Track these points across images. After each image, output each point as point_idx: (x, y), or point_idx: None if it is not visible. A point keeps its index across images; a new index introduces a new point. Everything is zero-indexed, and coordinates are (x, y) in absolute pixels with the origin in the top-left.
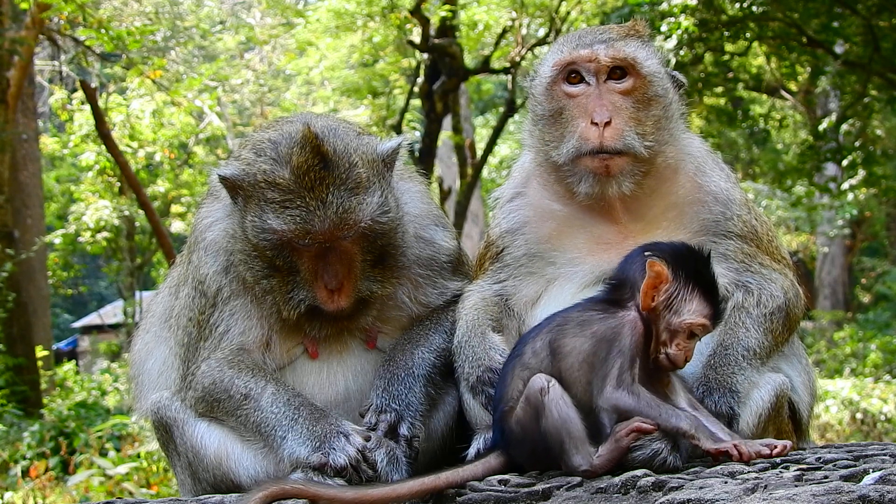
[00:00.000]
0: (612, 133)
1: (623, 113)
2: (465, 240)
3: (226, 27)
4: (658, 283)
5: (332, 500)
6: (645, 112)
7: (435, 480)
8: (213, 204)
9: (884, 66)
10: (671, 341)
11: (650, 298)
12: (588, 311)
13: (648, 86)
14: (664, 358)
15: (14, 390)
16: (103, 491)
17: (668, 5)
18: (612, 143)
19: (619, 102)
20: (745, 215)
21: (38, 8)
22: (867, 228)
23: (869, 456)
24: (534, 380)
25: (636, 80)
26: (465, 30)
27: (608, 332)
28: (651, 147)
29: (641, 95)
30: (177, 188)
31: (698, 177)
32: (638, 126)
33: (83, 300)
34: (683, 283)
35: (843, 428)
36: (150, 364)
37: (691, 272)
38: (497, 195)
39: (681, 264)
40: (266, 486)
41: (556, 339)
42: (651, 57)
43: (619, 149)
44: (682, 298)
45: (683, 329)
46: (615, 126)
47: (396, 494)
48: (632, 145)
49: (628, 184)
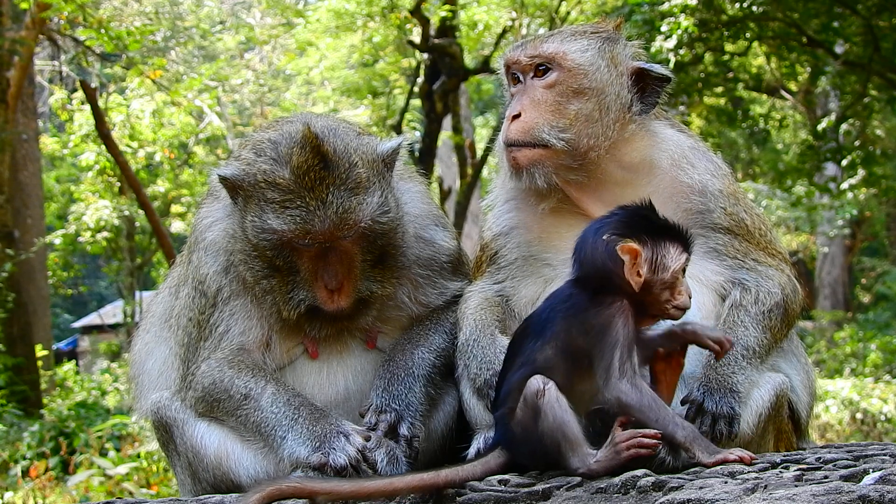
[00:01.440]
0: (517, 126)
1: (540, 107)
2: (465, 240)
3: (226, 27)
4: (636, 260)
5: (330, 495)
6: (570, 105)
7: (434, 477)
8: (213, 204)
9: (884, 66)
10: (672, 293)
11: (638, 276)
12: (580, 306)
13: (573, 78)
14: (675, 310)
15: (14, 390)
16: (103, 491)
17: (668, 5)
18: (515, 135)
19: (540, 97)
20: (731, 207)
21: (38, 8)
22: (867, 228)
23: (869, 456)
24: (531, 381)
25: (559, 73)
26: (465, 30)
27: (601, 323)
28: (570, 139)
29: (566, 88)
30: (177, 188)
31: (675, 170)
32: (557, 119)
33: (83, 300)
34: (651, 242)
35: (843, 428)
36: (150, 364)
37: (648, 227)
38: (488, 198)
39: (638, 227)
40: (263, 487)
41: (566, 346)
42: (584, 51)
43: (526, 141)
44: (660, 255)
45: (675, 276)
46: (523, 119)
47: (393, 488)
48: (539, 137)
49: (544, 176)
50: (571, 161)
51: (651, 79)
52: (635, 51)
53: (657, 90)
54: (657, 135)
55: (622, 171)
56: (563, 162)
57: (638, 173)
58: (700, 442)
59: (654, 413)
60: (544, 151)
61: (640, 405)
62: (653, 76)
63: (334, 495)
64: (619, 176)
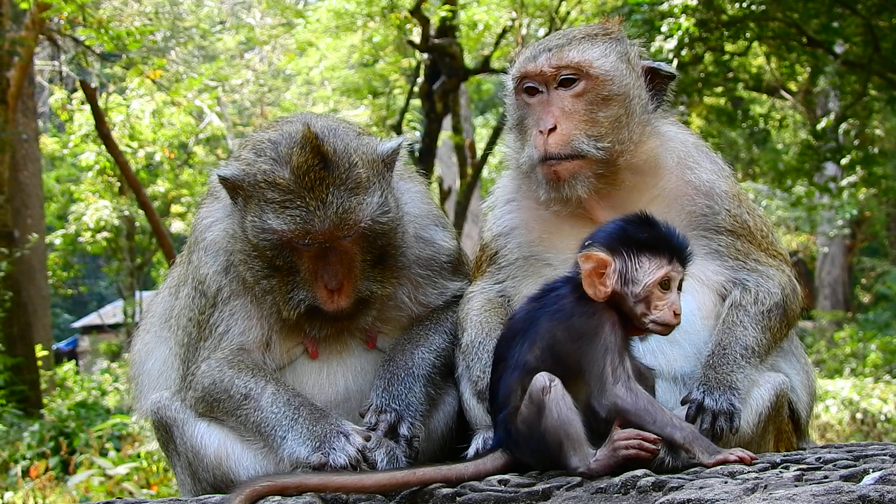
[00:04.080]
0: (556, 139)
1: (573, 117)
2: (465, 240)
3: (226, 27)
4: (601, 270)
5: (299, 487)
6: (600, 112)
7: (407, 476)
8: (213, 204)
9: (884, 66)
10: (649, 307)
11: (601, 286)
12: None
13: (602, 86)
14: (653, 325)
15: (14, 390)
16: (103, 491)
17: (668, 5)
18: (556, 149)
19: (570, 107)
20: (735, 209)
21: (38, 8)
22: (867, 228)
23: (869, 456)
24: (537, 378)
25: (587, 82)
26: (465, 30)
27: (589, 330)
28: (608, 147)
29: (594, 97)
30: (177, 188)
31: (681, 170)
32: (591, 128)
33: (83, 300)
34: (625, 253)
35: (843, 428)
36: (150, 364)
37: (628, 238)
38: (489, 199)
39: (615, 239)
40: (241, 490)
41: (552, 345)
42: (606, 56)
43: (567, 154)
44: (633, 268)
45: (650, 290)
46: (560, 132)
47: (361, 485)
48: (580, 148)
49: (584, 186)
50: (605, 169)
51: (660, 77)
52: (640, 49)
53: (664, 89)
54: (663, 134)
55: (630, 173)
56: (599, 171)
57: (645, 175)
58: (700, 442)
59: (651, 416)
60: (583, 162)
61: (637, 409)
62: (661, 74)
63: (302, 488)
64: (627, 178)
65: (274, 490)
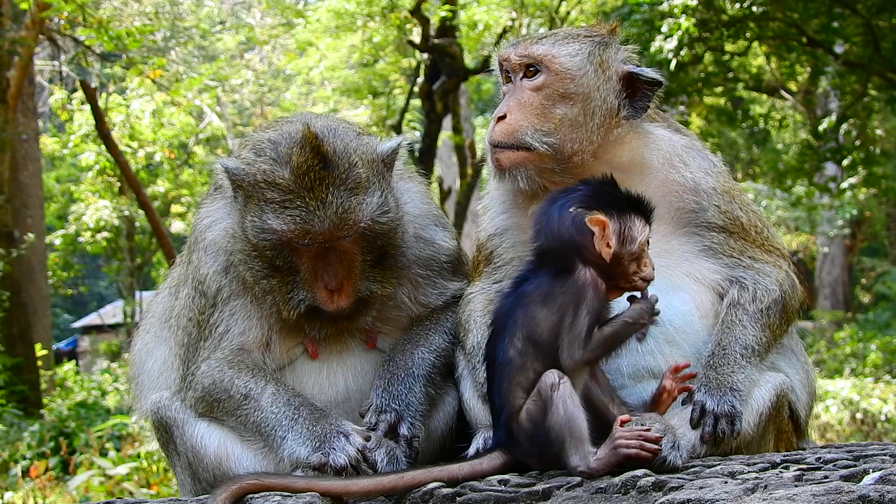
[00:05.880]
0: (502, 128)
1: (526, 108)
2: (465, 240)
3: (226, 27)
4: (605, 232)
5: (284, 489)
6: (556, 109)
7: (394, 481)
8: (213, 204)
9: (884, 66)
10: (639, 264)
11: (608, 247)
12: (544, 286)
13: (560, 82)
14: (641, 281)
15: (14, 390)
16: (103, 491)
17: (668, 5)
18: (500, 137)
19: (527, 98)
20: (725, 205)
21: (38, 8)
22: (867, 228)
23: (869, 456)
24: (547, 374)
25: (547, 76)
26: (465, 30)
27: (571, 298)
28: (553, 144)
29: (552, 92)
30: (177, 188)
31: (667, 169)
32: (542, 122)
33: (83, 300)
34: (617, 214)
35: (843, 428)
36: (150, 364)
37: (613, 200)
38: (484, 200)
39: (603, 200)
40: (227, 486)
41: (532, 330)
42: (573, 55)
43: (509, 143)
44: (627, 227)
45: (642, 248)
46: (508, 121)
47: (347, 490)
48: (523, 140)
49: (526, 178)
50: (555, 164)
51: (641, 83)
52: (628, 55)
53: (648, 94)
54: (650, 135)
55: (613, 171)
56: (546, 165)
57: (629, 173)
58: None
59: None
60: (527, 154)
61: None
62: (643, 80)
63: (290, 489)
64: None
65: (259, 488)
